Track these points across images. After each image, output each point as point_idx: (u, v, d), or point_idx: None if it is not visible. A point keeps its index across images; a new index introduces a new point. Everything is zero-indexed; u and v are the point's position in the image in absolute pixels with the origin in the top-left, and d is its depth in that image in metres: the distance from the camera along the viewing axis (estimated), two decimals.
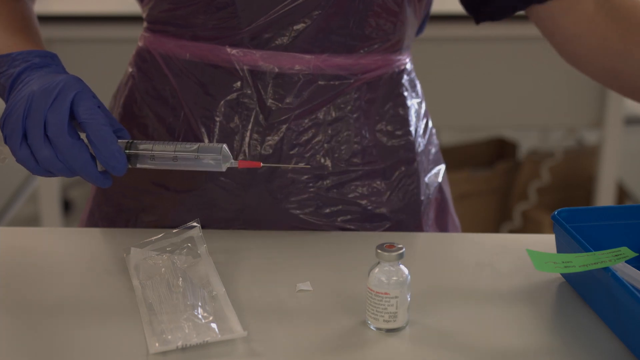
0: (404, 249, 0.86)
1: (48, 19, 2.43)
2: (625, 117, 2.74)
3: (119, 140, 0.94)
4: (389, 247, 0.86)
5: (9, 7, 1.05)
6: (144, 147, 0.93)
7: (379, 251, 0.86)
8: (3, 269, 0.97)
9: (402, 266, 0.86)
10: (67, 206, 3.29)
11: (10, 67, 0.97)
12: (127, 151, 0.93)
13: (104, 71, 2.44)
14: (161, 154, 0.93)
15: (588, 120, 2.68)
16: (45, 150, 0.90)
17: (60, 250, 1.02)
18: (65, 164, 0.91)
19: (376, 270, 0.86)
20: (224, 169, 0.93)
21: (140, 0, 1.09)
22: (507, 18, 1.12)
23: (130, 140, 0.94)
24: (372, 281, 0.86)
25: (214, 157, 0.92)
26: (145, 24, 1.11)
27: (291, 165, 0.97)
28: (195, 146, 0.93)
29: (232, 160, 0.93)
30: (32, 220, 3.23)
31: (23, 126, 0.90)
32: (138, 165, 0.94)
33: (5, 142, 0.92)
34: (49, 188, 2.61)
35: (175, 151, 0.93)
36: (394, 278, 0.86)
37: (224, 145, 0.93)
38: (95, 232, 1.08)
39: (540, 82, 2.59)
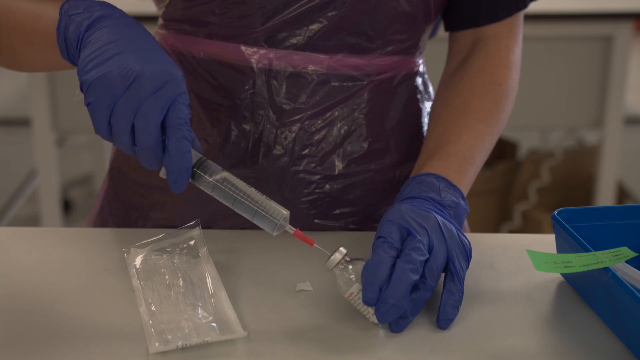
0: (338, 250, 0.88)
1: None
2: (625, 117, 2.75)
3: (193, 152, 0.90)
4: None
5: None
6: (211, 175, 0.90)
7: (327, 263, 0.89)
8: (3, 269, 0.97)
9: (348, 263, 0.88)
10: (67, 206, 3.29)
11: (87, 12, 0.91)
12: (195, 169, 0.90)
13: None
14: (222, 193, 0.91)
15: (588, 120, 2.68)
16: (125, 138, 0.85)
17: (60, 250, 1.02)
18: (137, 154, 0.87)
19: (337, 280, 0.89)
20: (274, 234, 0.91)
21: None
22: (463, 30, 1.10)
23: (204, 158, 0.91)
24: (340, 290, 0.89)
25: (270, 221, 0.90)
26: (160, 21, 1.11)
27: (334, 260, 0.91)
28: (258, 200, 0.90)
29: (289, 226, 0.91)
30: (32, 220, 3.23)
31: (114, 102, 0.84)
32: (198, 184, 0.91)
33: (86, 105, 0.86)
34: (49, 188, 2.61)
35: (234, 202, 0.91)
36: (352, 277, 0.88)
37: (286, 213, 0.90)
38: (96, 232, 1.08)
39: (540, 82, 2.60)
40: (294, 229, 0.91)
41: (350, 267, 0.88)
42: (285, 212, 0.90)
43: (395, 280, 0.85)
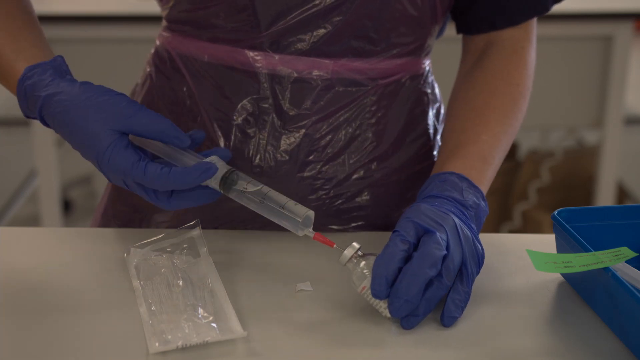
0: (351, 245, 0.88)
1: (59, 19, 2.43)
2: (625, 117, 2.75)
3: (221, 164, 0.92)
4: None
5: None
6: (239, 184, 0.92)
7: (340, 258, 0.89)
8: (3, 269, 0.97)
9: (361, 257, 0.89)
10: (67, 206, 3.29)
11: (35, 91, 0.94)
12: (225, 178, 0.92)
13: (112, 71, 2.44)
14: (250, 199, 0.92)
15: (588, 120, 2.68)
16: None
17: (60, 250, 1.02)
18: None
19: (351, 275, 0.89)
20: (300, 234, 0.91)
21: None
22: (480, 33, 1.10)
23: (232, 169, 0.93)
24: (353, 285, 0.89)
25: (293, 220, 0.91)
26: (164, 23, 1.10)
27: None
28: (283, 203, 0.91)
29: (310, 230, 0.91)
30: (32, 220, 3.23)
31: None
32: (226, 193, 0.93)
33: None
34: (49, 188, 2.61)
35: (260, 207, 0.92)
36: (365, 271, 0.88)
37: (310, 213, 0.91)
38: (96, 232, 1.08)
39: (540, 82, 2.58)
40: (313, 232, 0.91)
41: (363, 262, 0.88)
42: (309, 212, 0.91)
43: (410, 275, 0.85)
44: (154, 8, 1.13)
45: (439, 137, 1.14)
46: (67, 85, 0.93)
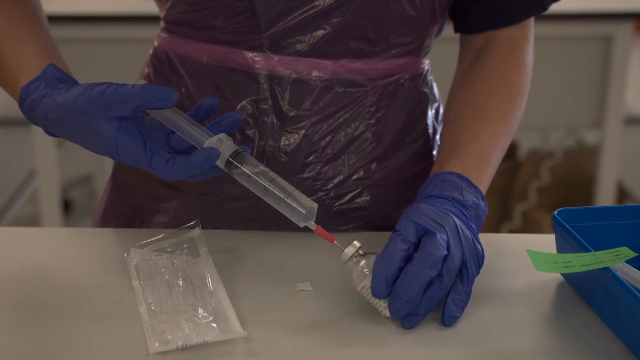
0: (352, 244, 0.88)
1: (59, 19, 2.44)
2: (625, 117, 2.75)
3: (228, 142, 0.92)
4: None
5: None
6: (245, 166, 0.92)
7: (341, 256, 0.89)
8: (3, 269, 0.97)
9: (361, 256, 0.89)
10: (67, 206, 3.29)
11: (34, 111, 0.96)
12: (230, 159, 0.92)
13: (112, 71, 2.44)
14: (254, 183, 0.92)
15: (588, 120, 2.68)
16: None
17: (60, 250, 1.02)
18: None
19: (351, 273, 0.89)
20: (301, 225, 0.91)
21: (158, 0, 1.09)
22: (480, 33, 1.10)
23: (240, 150, 0.92)
24: (353, 283, 0.89)
25: (297, 210, 0.90)
26: (162, 24, 1.10)
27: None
28: (288, 190, 0.91)
29: (311, 223, 0.91)
30: (32, 220, 3.23)
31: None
32: (231, 174, 0.92)
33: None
34: (49, 188, 2.61)
35: (265, 192, 0.91)
36: (365, 270, 0.88)
37: (314, 205, 0.91)
38: (96, 232, 1.08)
39: (540, 82, 2.60)
40: (315, 225, 0.91)
41: (363, 260, 0.89)
42: (314, 205, 0.91)
43: (411, 276, 0.85)
44: (154, 8, 1.13)
45: (438, 136, 1.14)
46: (57, 95, 0.93)
